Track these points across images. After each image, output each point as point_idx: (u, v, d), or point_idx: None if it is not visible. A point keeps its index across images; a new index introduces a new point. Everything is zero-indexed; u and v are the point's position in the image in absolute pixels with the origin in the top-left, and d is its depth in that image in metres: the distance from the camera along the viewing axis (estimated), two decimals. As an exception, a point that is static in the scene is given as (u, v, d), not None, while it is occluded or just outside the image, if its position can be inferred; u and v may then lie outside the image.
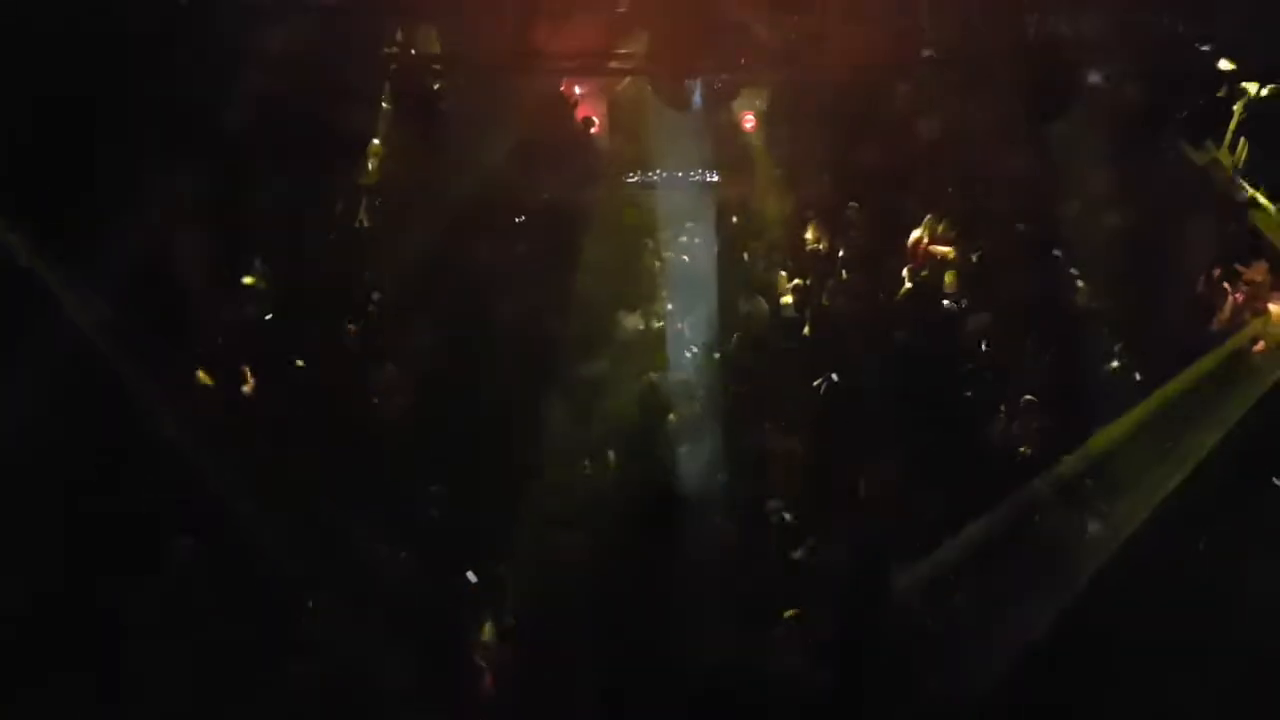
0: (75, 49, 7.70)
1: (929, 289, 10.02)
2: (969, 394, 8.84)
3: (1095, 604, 6.86)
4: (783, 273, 10.74)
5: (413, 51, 10.29)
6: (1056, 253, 9.61)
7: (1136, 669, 6.51)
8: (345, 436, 8.57)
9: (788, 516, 7.99)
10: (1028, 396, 8.44)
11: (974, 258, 10.03)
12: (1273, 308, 8.81)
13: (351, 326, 9.79)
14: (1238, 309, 8.91)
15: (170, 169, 8.41)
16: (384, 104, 10.68)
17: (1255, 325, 8.41)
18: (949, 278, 10.07)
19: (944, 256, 10.32)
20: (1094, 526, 7.55)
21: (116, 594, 6.87)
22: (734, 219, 11.51)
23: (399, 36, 10.24)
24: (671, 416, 9.02)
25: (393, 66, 9.86)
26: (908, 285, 10.01)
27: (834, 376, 9.35)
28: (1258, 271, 8.47)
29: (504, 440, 8.56)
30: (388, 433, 8.86)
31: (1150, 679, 6.44)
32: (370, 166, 10.74)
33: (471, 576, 7.68)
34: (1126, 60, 9.17)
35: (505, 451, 8.45)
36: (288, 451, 8.11)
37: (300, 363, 9.32)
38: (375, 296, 10.16)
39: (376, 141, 11.10)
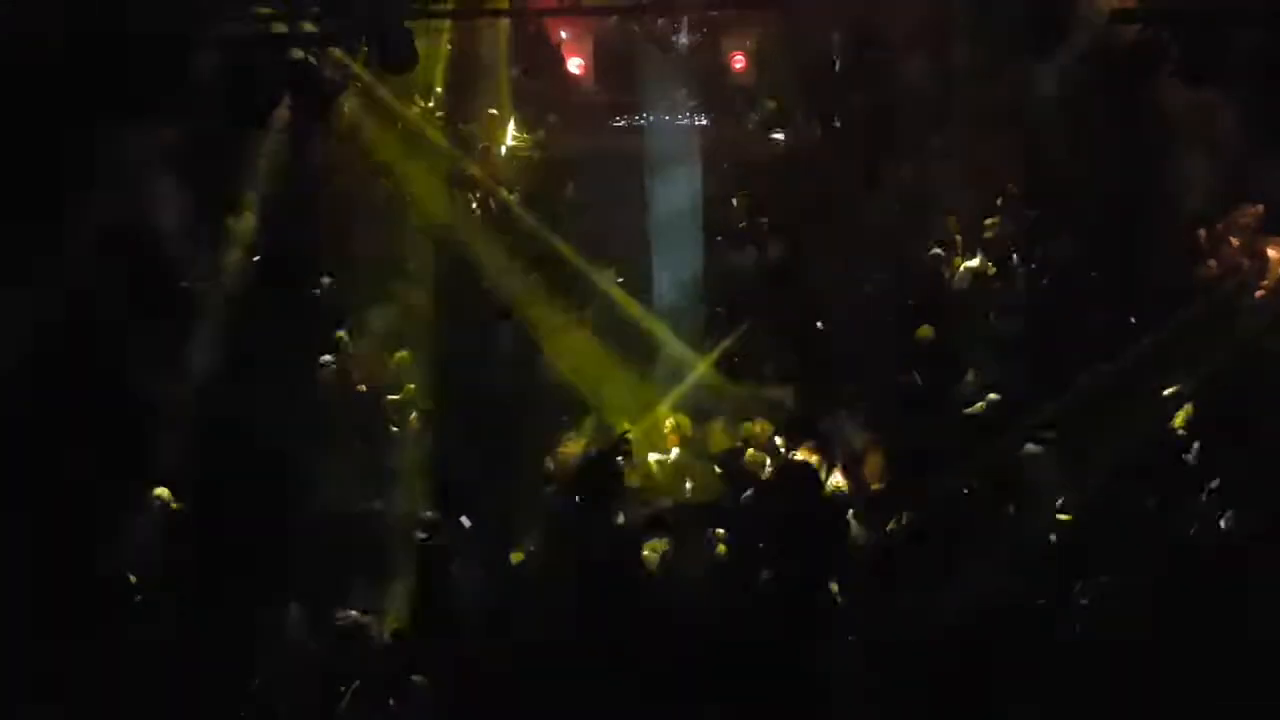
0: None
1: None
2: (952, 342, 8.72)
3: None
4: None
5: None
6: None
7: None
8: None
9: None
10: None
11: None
12: (1271, 252, 8.57)
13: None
14: (1234, 253, 8.67)
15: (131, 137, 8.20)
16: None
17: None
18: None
19: None
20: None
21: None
22: (724, 164, 11.23)
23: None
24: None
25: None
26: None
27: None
28: (1251, 215, 8.21)
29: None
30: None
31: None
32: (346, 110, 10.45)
33: (465, 521, 7.69)
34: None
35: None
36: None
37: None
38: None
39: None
